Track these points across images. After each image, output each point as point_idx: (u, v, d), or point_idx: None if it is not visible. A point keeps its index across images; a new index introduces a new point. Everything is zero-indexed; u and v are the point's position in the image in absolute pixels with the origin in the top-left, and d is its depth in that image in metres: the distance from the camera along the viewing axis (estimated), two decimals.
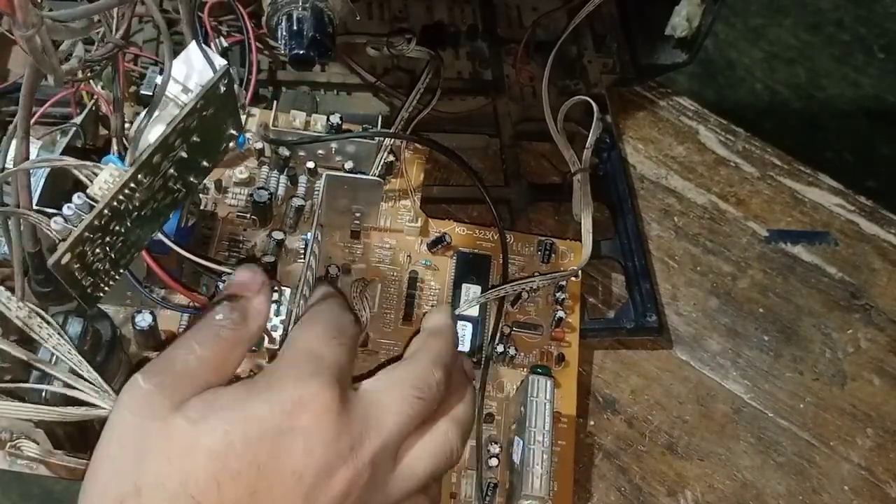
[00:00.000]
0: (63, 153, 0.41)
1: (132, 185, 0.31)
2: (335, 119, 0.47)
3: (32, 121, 0.39)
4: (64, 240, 0.30)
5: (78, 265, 0.30)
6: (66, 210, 0.30)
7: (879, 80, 1.25)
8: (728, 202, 0.55)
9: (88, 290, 0.32)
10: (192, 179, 0.34)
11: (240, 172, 0.47)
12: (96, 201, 0.30)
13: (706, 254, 0.53)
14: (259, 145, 0.47)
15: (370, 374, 0.33)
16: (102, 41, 0.35)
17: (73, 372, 0.34)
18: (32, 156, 0.39)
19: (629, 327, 0.48)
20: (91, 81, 0.44)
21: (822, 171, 0.57)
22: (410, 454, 0.31)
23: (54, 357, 0.34)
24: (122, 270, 0.33)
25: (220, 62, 0.33)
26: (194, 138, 0.33)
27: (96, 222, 0.30)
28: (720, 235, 0.54)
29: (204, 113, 0.32)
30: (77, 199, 0.30)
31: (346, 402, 0.30)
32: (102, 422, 0.36)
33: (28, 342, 0.34)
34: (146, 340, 0.40)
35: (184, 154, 0.32)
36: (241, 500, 0.28)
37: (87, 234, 0.30)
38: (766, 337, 0.50)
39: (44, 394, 0.34)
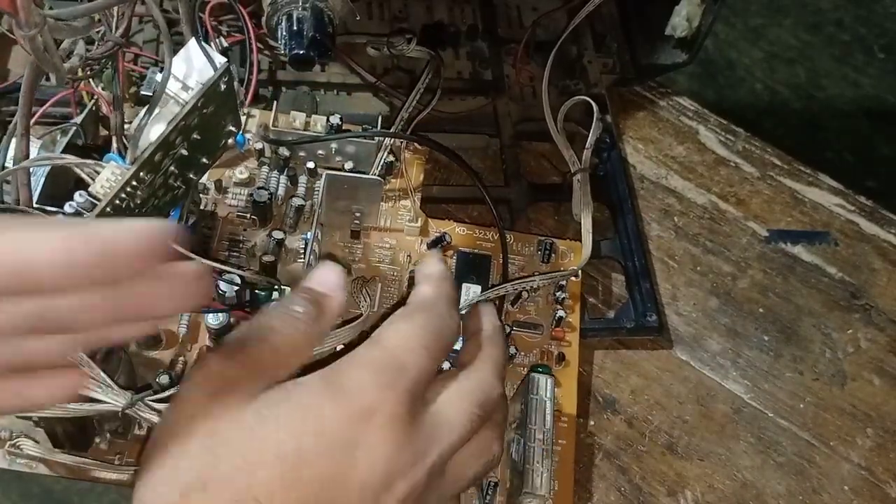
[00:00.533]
0: (63, 152, 0.41)
1: (134, 182, 0.31)
2: (335, 120, 0.47)
3: (32, 120, 0.39)
4: None
5: None
6: (67, 208, 0.30)
7: (879, 80, 1.25)
8: (728, 202, 0.55)
9: None
10: (191, 176, 0.34)
11: (240, 173, 0.47)
12: (98, 200, 0.30)
13: (706, 254, 0.53)
14: (259, 146, 0.47)
15: (435, 378, 0.32)
16: (102, 40, 0.35)
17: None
18: (33, 154, 0.39)
19: (629, 327, 0.48)
20: (91, 81, 0.44)
21: (822, 171, 0.57)
22: (461, 462, 0.32)
23: None
24: None
25: (219, 60, 0.33)
26: (195, 136, 0.33)
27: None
28: (720, 235, 0.54)
29: (204, 111, 0.32)
30: (79, 197, 0.30)
31: (416, 416, 0.30)
32: (102, 417, 0.36)
33: None
34: (146, 339, 0.40)
35: (184, 151, 0.32)
36: None
37: None
38: (766, 337, 0.50)
39: None
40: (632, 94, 0.59)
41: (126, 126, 0.45)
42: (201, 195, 0.45)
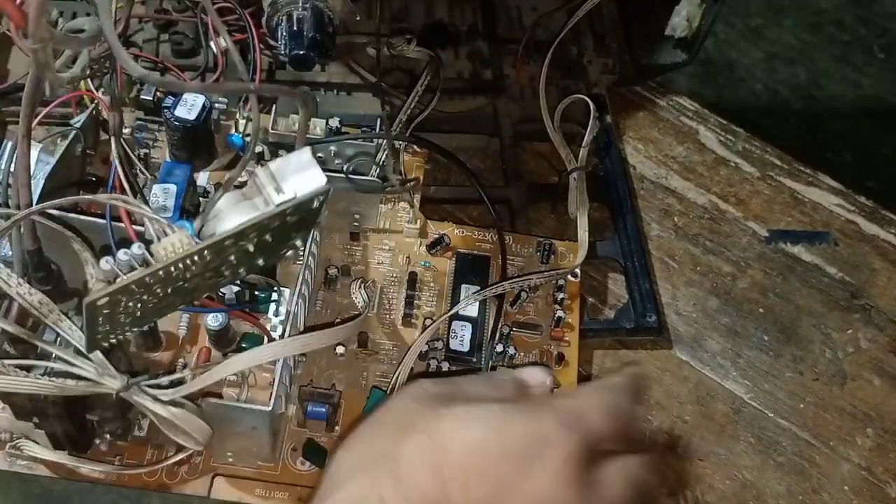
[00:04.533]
0: (62, 157, 0.41)
1: (196, 258, 0.31)
2: (334, 123, 0.47)
3: (34, 122, 0.39)
4: (110, 282, 0.30)
5: (108, 311, 0.30)
6: (122, 256, 0.30)
7: (879, 80, 1.25)
8: (728, 202, 0.55)
9: (98, 337, 0.32)
10: (240, 272, 0.35)
11: (240, 176, 0.47)
12: (153, 260, 0.30)
13: (706, 254, 0.53)
14: (259, 149, 0.46)
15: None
16: (100, 40, 0.35)
17: (76, 352, 0.34)
18: (33, 157, 0.39)
19: (629, 327, 0.48)
20: (90, 82, 0.44)
21: (822, 171, 0.57)
22: None
23: (58, 339, 0.34)
24: (135, 329, 0.34)
25: (321, 180, 0.33)
26: (266, 237, 0.33)
27: (147, 279, 0.30)
28: (720, 235, 0.54)
29: (288, 219, 0.33)
30: (137, 249, 0.30)
31: (586, 467, 0.32)
32: (102, 419, 0.36)
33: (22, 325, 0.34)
34: (146, 341, 0.40)
35: (250, 247, 0.33)
36: (481, 499, 0.31)
37: (133, 286, 0.30)
38: (766, 337, 0.50)
39: (45, 370, 0.34)
40: (632, 94, 0.59)
41: (126, 130, 0.45)
42: (200, 198, 0.45)
